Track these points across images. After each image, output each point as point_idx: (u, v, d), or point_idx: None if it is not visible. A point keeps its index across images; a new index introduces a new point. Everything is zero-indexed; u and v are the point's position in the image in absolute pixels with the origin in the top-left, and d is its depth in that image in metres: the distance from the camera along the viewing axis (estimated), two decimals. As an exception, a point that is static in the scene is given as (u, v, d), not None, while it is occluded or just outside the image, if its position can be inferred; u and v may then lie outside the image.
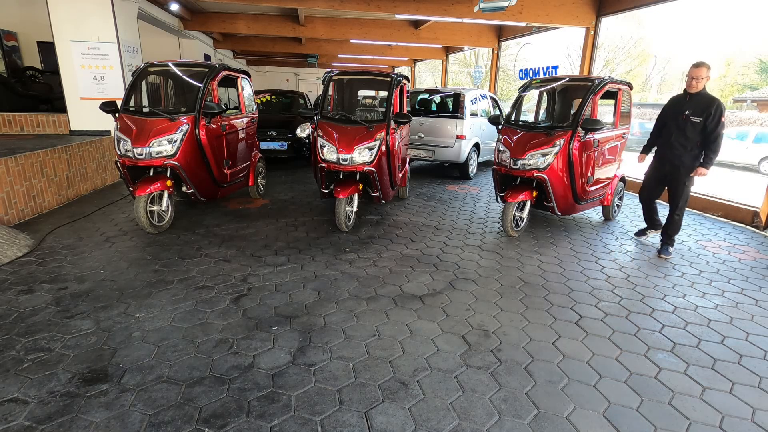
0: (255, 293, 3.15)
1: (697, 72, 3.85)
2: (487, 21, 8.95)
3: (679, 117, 3.99)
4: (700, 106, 3.87)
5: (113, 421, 1.88)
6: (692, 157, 3.97)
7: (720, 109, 3.81)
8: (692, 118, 3.89)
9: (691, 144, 3.95)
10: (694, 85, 3.86)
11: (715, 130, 3.82)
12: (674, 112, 4.05)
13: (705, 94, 3.91)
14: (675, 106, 4.08)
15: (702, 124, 3.85)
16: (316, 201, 5.84)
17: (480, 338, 2.66)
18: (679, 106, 4.03)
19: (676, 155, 4.03)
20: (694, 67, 3.87)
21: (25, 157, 4.67)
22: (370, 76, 6.05)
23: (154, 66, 4.84)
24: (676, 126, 4.01)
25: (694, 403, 2.15)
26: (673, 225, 4.20)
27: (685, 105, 3.98)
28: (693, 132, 3.91)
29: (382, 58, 16.92)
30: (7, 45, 8.82)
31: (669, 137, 4.07)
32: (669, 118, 4.11)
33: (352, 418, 1.95)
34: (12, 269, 3.41)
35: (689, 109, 3.93)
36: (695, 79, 3.86)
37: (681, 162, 4.01)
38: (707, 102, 3.86)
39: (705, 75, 3.85)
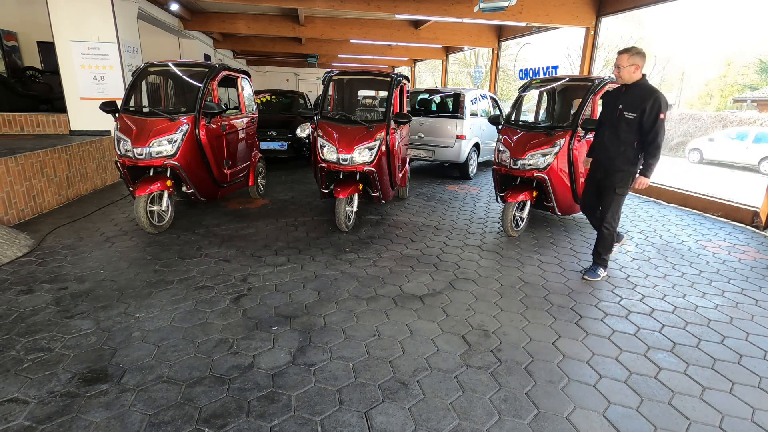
0: (255, 293, 3.15)
1: (618, 60, 3.29)
2: (487, 21, 8.95)
3: (613, 112, 3.40)
4: (636, 99, 3.26)
5: (113, 421, 1.88)
6: (626, 161, 3.36)
7: (658, 103, 3.16)
8: (626, 113, 3.29)
9: (624, 145, 3.34)
10: (619, 75, 3.32)
11: (652, 130, 3.20)
12: (609, 107, 3.50)
13: (644, 86, 3.29)
14: (611, 99, 3.53)
15: (637, 122, 3.25)
16: (316, 201, 5.84)
17: (480, 338, 2.66)
18: (614, 100, 3.45)
19: (608, 158, 3.44)
20: (618, 54, 3.32)
21: (25, 157, 4.67)
22: (370, 76, 6.05)
23: (154, 66, 4.84)
24: (609, 123, 3.44)
25: (694, 403, 2.15)
26: (602, 241, 3.57)
27: (620, 98, 3.38)
28: (627, 130, 3.31)
29: (382, 58, 16.92)
30: (7, 45, 8.82)
31: (603, 136, 3.52)
32: (605, 114, 3.56)
33: (352, 418, 1.95)
34: (12, 269, 3.41)
35: (623, 103, 3.33)
36: (618, 68, 3.30)
37: (612, 165, 3.41)
38: (644, 95, 3.24)
39: (628, 63, 3.22)
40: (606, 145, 3.46)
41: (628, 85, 3.34)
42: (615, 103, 3.40)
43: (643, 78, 3.31)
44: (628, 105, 3.29)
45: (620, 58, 3.27)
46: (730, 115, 20.14)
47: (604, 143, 3.49)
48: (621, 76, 3.31)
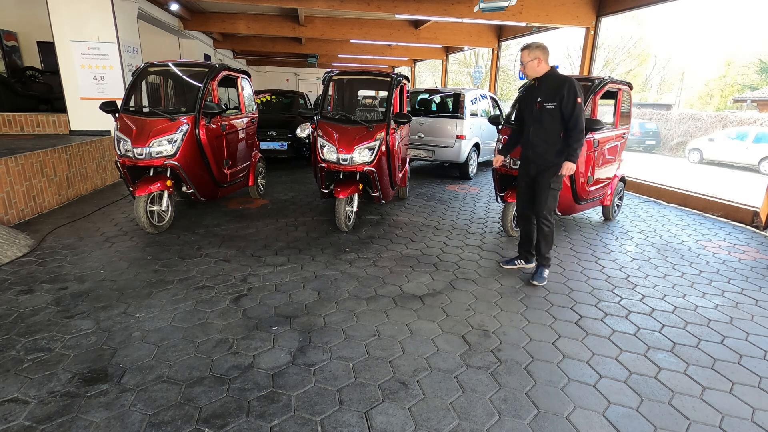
0: (255, 293, 3.15)
1: (521, 57, 3.33)
2: (487, 21, 8.95)
3: (533, 106, 3.38)
4: (552, 89, 3.27)
5: (113, 421, 1.88)
6: (557, 153, 3.33)
7: (573, 88, 3.19)
8: (546, 104, 3.29)
9: (553, 137, 3.33)
10: (524, 71, 3.36)
11: (572, 115, 3.20)
12: (528, 104, 3.45)
13: (555, 76, 3.31)
14: (527, 96, 3.48)
15: (558, 111, 3.25)
16: (316, 201, 5.84)
17: (480, 338, 2.66)
18: (530, 96, 3.42)
19: (539, 154, 3.38)
20: (520, 51, 3.35)
21: (25, 157, 4.67)
22: (370, 76, 6.05)
23: (154, 66, 4.84)
24: (532, 118, 3.40)
25: (694, 403, 2.15)
26: (544, 239, 3.50)
27: (535, 91, 3.38)
28: (551, 121, 3.30)
29: (382, 58, 16.92)
30: (7, 45, 8.82)
31: (527, 133, 3.46)
32: (525, 110, 3.51)
33: (352, 418, 1.95)
34: (12, 269, 3.41)
35: (540, 95, 3.33)
36: (522, 65, 3.35)
37: (544, 161, 3.37)
38: (558, 84, 3.26)
39: (529, 58, 3.27)
40: (534, 143, 3.41)
41: (539, 79, 3.35)
42: (532, 99, 3.39)
43: (552, 69, 3.33)
44: (545, 96, 3.29)
45: (522, 54, 3.32)
46: (730, 115, 20.13)
47: (531, 141, 3.42)
48: (526, 72, 3.35)
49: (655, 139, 20.62)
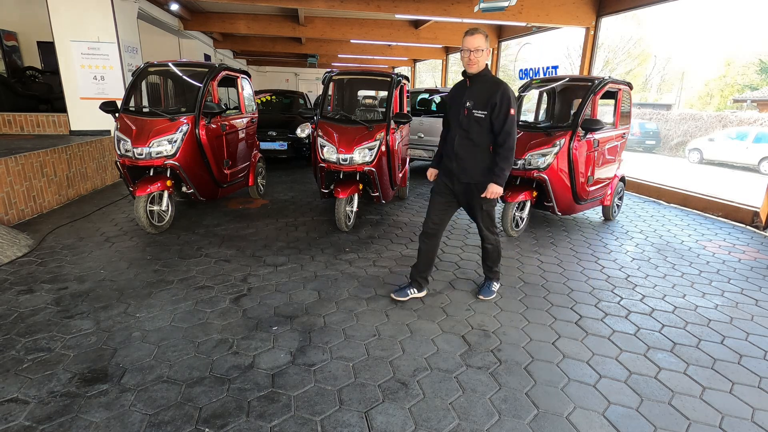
0: (255, 293, 3.15)
1: (475, 41, 2.63)
2: (487, 21, 8.94)
3: (460, 111, 2.80)
4: (483, 93, 2.73)
5: (113, 421, 1.88)
6: (486, 171, 2.82)
7: (507, 97, 2.68)
8: (475, 112, 2.74)
9: (480, 151, 2.80)
10: (474, 62, 2.68)
11: (503, 129, 2.71)
12: (456, 106, 2.84)
13: (489, 78, 2.77)
14: (456, 96, 2.87)
15: (489, 121, 2.73)
16: (316, 201, 5.84)
17: (480, 338, 2.66)
18: (459, 97, 2.83)
19: (462, 169, 2.83)
20: (469, 35, 2.64)
21: (25, 157, 4.67)
22: (370, 76, 6.05)
23: (154, 66, 4.84)
24: (458, 124, 2.82)
25: (694, 403, 2.15)
26: (489, 256, 3.13)
27: (466, 93, 2.79)
28: (479, 132, 2.77)
29: (382, 58, 16.91)
30: (7, 45, 8.82)
31: (452, 142, 2.86)
32: (451, 113, 2.91)
33: (352, 418, 1.95)
34: (12, 269, 3.41)
35: (470, 99, 2.76)
36: (472, 52, 2.65)
37: (469, 177, 2.84)
38: (491, 88, 2.72)
39: (486, 45, 2.67)
40: (458, 154, 2.83)
41: (473, 78, 2.77)
42: (460, 101, 2.80)
43: (487, 68, 2.77)
44: (476, 101, 2.74)
45: (477, 39, 2.62)
46: (730, 115, 20.13)
47: (455, 151, 2.84)
48: (477, 62, 2.68)
49: (655, 139, 20.63)
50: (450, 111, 2.92)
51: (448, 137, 2.93)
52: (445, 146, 2.97)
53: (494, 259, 3.16)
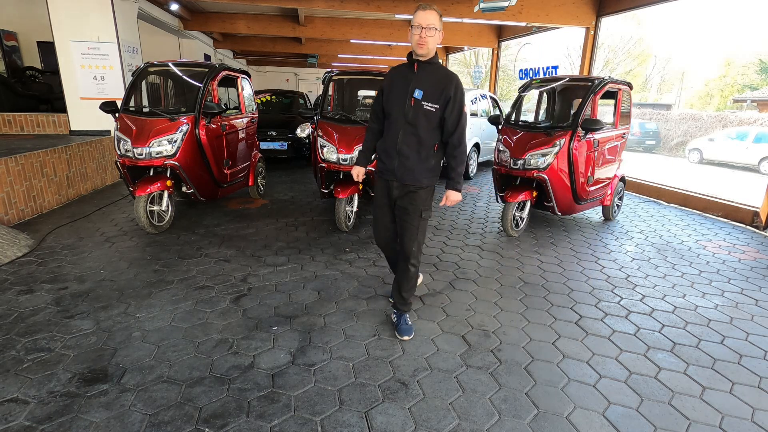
0: (255, 293, 3.15)
1: (425, 17, 2.25)
2: (487, 21, 8.94)
3: (405, 100, 2.37)
4: (436, 84, 2.36)
5: (113, 421, 1.88)
6: (430, 172, 2.48)
7: (461, 92, 2.38)
8: (425, 104, 2.35)
9: (425, 149, 2.43)
10: (424, 41, 2.27)
11: (457, 128, 2.40)
12: (399, 92, 2.40)
13: (440, 66, 2.42)
14: (397, 82, 2.43)
15: (439, 117, 2.38)
16: (316, 201, 5.84)
17: (480, 338, 2.66)
18: (403, 81, 2.40)
19: (408, 168, 2.43)
20: (422, 10, 2.26)
21: (25, 157, 4.67)
22: (370, 76, 6.04)
23: (154, 66, 4.84)
24: (403, 117, 2.39)
25: (694, 403, 2.15)
26: (407, 281, 2.62)
27: (413, 79, 2.38)
28: (428, 128, 2.40)
29: (382, 58, 16.91)
30: (7, 45, 8.82)
31: (394, 137, 2.43)
32: (392, 103, 2.42)
33: (352, 418, 1.95)
34: (12, 269, 3.41)
35: (419, 87, 2.36)
36: (424, 29, 2.25)
37: (414, 179, 2.44)
38: (443, 79, 2.37)
39: (440, 26, 2.31)
40: (401, 151, 2.41)
41: (422, 63, 2.37)
42: (406, 89, 2.38)
43: (437, 56, 2.41)
44: (426, 92, 2.36)
45: (430, 15, 2.25)
46: (730, 115, 20.13)
47: (398, 149, 2.42)
48: (427, 43, 2.28)
49: (655, 139, 20.63)
50: (389, 99, 2.43)
51: (389, 131, 2.46)
52: (383, 141, 2.51)
53: (412, 286, 2.65)
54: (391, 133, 2.46)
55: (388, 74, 2.53)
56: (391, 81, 2.46)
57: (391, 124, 2.46)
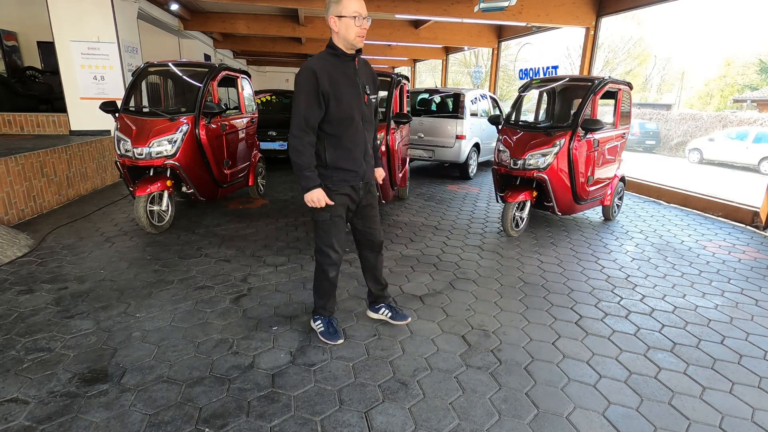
0: (255, 293, 3.15)
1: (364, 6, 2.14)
2: (487, 21, 8.94)
3: (361, 98, 2.27)
4: (370, 76, 2.36)
5: (113, 421, 1.88)
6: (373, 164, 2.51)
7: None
8: (372, 98, 2.35)
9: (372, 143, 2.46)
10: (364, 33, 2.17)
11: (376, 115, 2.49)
12: (349, 93, 2.22)
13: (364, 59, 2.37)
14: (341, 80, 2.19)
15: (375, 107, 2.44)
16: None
17: (480, 338, 2.66)
18: (349, 79, 2.23)
19: (370, 166, 2.43)
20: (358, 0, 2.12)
21: (25, 157, 4.67)
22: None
23: (154, 66, 4.84)
24: (361, 116, 2.28)
25: (694, 403, 2.15)
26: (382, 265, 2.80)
27: (355, 71, 2.26)
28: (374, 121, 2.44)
29: (382, 58, 16.91)
30: (7, 45, 8.82)
31: (360, 140, 2.31)
32: (347, 104, 2.21)
33: (352, 418, 1.95)
34: (12, 269, 3.41)
35: (365, 82, 2.31)
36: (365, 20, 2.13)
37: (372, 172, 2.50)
38: (370, 69, 2.40)
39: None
40: (367, 150, 2.38)
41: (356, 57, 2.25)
42: (356, 87, 2.25)
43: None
44: (369, 85, 2.33)
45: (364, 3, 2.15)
46: (730, 115, 20.14)
47: (365, 149, 2.36)
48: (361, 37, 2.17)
49: (655, 139, 20.63)
50: (342, 101, 2.19)
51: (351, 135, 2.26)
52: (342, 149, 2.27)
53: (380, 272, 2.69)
54: (356, 137, 2.28)
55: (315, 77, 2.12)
56: (332, 84, 2.16)
57: (348, 127, 2.24)
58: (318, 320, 2.63)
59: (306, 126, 2.16)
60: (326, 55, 2.21)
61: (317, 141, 2.24)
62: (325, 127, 2.23)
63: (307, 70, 2.14)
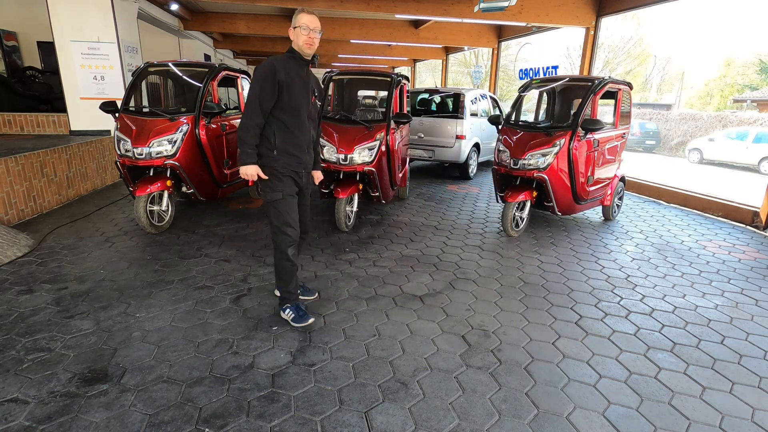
0: (255, 293, 3.15)
1: (315, 21, 2.50)
2: (487, 21, 8.94)
3: (308, 99, 2.62)
4: (316, 81, 2.73)
5: (113, 421, 1.88)
6: None
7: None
8: (318, 102, 2.75)
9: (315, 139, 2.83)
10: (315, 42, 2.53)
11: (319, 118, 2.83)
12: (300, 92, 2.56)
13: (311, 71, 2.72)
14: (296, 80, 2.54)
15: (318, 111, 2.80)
16: (316, 201, 5.84)
17: (480, 338, 2.66)
18: (302, 82, 2.57)
19: (311, 157, 2.76)
20: (308, 14, 2.49)
21: (25, 157, 4.67)
22: (370, 76, 6.05)
23: (154, 66, 4.84)
24: (307, 114, 2.63)
25: (694, 403, 2.15)
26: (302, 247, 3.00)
27: (307, 80, 2.61)
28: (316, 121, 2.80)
29: (382, 58, 16.93)
30: (7, 45, 8.82)
31: (307, 132, 2.64)
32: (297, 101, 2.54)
33: (352, 418, 1.95)
34: (12, 269, 3.41)
35: (314, 85, 2.69)
36: (312, 31, 2.49)
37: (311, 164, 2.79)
38: (314, 76, 2.71)
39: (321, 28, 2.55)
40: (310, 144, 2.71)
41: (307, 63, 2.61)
42: (306, 89, 2.60)
43: None
44: (316, 89, 2.70)
45: (316, 19, 2.51)
46: (730, 115, 20.14)
47: (311, 141, 2.71)
48: (315, 46, 2.55)
49: (655, 139, 20.63)
50: (294, 97, 2.52)
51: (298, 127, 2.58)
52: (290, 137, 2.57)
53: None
54: (303, 129, 2.62)
55: (274, 69, 2.45)
56: (288, 78, 2.50)
57: (296, 120, 2.57)
58: (287, 309, 2.76)
59: (259, 108, 2.47)
60: (286, 57, 2.57)
61: (268, 126, 2.54)
62: (277, 113, 2.53)
63: (269, 63, 2.50)
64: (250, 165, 2.52)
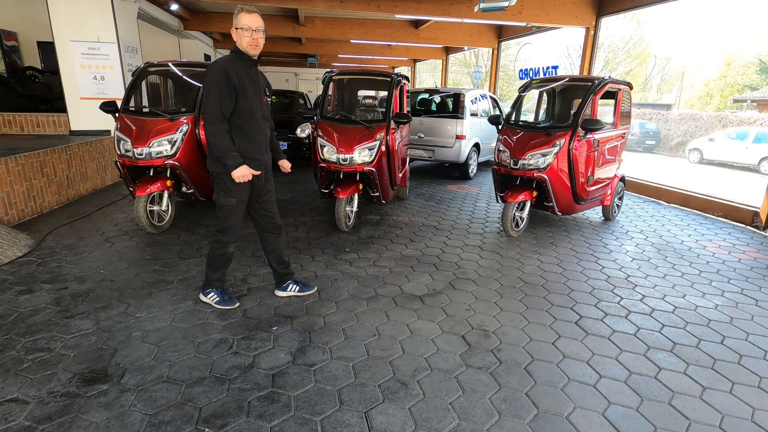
0: (255, 293, 3.15)
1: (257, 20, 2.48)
2: (487, 21, 8.94)
3: (259, 98, 2.67)
4: (264, 80, 2.77)
5: (113, 421, 1.88)
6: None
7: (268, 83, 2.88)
8: (268, 100, 2.84)
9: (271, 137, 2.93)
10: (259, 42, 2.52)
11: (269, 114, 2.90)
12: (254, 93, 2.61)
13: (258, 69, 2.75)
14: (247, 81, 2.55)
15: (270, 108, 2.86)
16: (316, 201, 5.84)
17: (480, 338, 2.66)
18: (252, 83, 2.60)
19: (268, 155, 2.89)
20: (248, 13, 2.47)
21: (25, 157, 4.66)
22: (370, 76, 6.05)
23: (154, 66, 4.84)
24: (261, 114, 2.69)
25: (694, 403, 2.15)
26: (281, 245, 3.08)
27: (257, 80, 2.65)
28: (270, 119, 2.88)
29: (382, 58, 16.92)
30: (7, 45, 8.82)
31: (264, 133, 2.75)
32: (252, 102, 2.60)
33: (352, 418, 1.95)
34: (12, 269, 3.41)
35: (264, 85, 2.76)
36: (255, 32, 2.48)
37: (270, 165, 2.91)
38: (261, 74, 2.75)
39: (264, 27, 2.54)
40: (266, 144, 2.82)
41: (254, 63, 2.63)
42: (258, 89, 2.64)
43: None
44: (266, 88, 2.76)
45: (259, 18, 2.49)
46: (730, 115, 20.14)
47: (268, 141, 2.84)
48: (260, 46, 2.54)
49: (655, 139, 20.63)
50: (248, 99, 2.56)
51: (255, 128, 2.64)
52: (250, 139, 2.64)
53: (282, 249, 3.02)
54: (260, 131, 2.69)
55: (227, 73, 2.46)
56: (240, 81, 2.51)
57: (252, 122, 2.63)
58: (211, 293, 2.90)
59: (222, 115, 2.49)
60: (233, 58, 2.55)
61: None
62: (233, 119, 2.56)
63: (220, 67, 2.47)
64: (241, 166, 2.56)
